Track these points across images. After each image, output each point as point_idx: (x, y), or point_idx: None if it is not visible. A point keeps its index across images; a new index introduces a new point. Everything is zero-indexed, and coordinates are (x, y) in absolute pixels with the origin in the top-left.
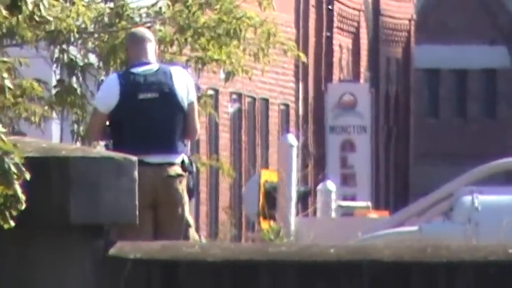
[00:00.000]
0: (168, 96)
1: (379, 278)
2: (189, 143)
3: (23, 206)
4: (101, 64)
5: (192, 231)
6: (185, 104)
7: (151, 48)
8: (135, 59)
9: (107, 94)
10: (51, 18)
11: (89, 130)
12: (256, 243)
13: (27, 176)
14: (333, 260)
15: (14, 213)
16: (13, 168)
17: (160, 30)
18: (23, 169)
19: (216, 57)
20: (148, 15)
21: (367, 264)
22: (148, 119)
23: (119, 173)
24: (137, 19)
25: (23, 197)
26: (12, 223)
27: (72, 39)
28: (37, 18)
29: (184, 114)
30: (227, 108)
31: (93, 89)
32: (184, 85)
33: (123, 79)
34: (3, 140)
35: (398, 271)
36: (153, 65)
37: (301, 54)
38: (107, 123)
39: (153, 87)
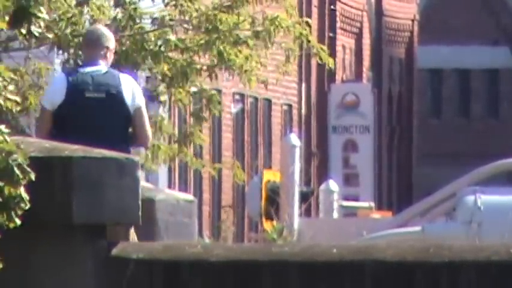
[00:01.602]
0: (114, 97)
1: (381, 278)
2: (143, 149)
3: (27, 206)
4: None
5: (131, 232)
6: (131, 108)
7: (104, 51)
8: (87, 59)
9: (53, 92)
10: (50, 36)
11: (36, 129)
12: (259, 243)
13: (33, 176)
14: (336, 260)
15: (19, 212)
16: (16, 170)
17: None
18: (28, 169)
19: (232, 60)
20: (162, 19)
21: (369, 264)
22: (92, 118)
23: (121, 173)
24: (149, 24)
25: (26, 197)
26: (18, 221)
27: None
28: (36, 34)
29: (130, 119)
30: (230, 108)
31: None
32: (130, 90)
33: (71, 78)
34: (6, 141)
35: (401, 271)
36: (102, 67)
37: (330, 60)
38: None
39: (100, 88)
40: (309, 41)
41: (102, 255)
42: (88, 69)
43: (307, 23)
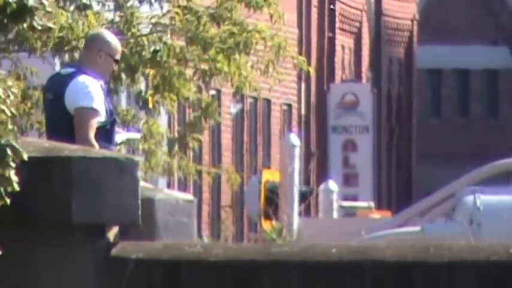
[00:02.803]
0: (57, 99)
1: (381, 277)
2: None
3: (16, 189)
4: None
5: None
6: (70, 110)
7: (94, 54)
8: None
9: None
10: (53, 26)
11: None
12: (259, 243)
13: (25, 156)
14: (335, 260)
15: (8, 190)
16: (9, 150)
17: (165, 43)
18: (20, 149)
19: (225, 69)
20: (156, 24)
21: (369, 264)
22: (47, 119)
23: (121, 173)
24: (145, 28)
25: (15, 179)
26: (8, 200)
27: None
28: (38, 27)
29: (72, 120)
30: (229, 108)
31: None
32: (74, 91)
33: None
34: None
35: (400, 271)
36: (70, 69)
37: (311, 70)
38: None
39: (51, 89)
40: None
41: (102, 255)
42: (61, 70)
43: (285, 33)
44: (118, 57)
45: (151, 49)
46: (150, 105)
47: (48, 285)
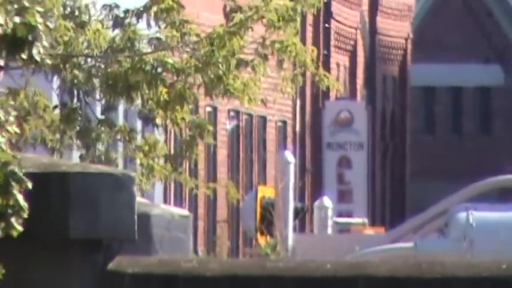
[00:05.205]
0: None
1: None
2: None
3: (26, 214)
4: (105, 89)
5: None
6: None
7: None
8: None
9: None
10: (49, 62)
11: None
12: (254, 258)
13: (29, 184)
14: (330, 276)
15: (20, 220)
16: (12, 181)
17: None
18: (24, 178)
19: (231, 85)
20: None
21: (363, 280)
22: None
23: (117, 189)
24: (147, 47)
25: (25, 205)
26: (20, 228)
27: (83, 62)
28: (37, 59)
29: None
30: (225, 125)
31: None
32: None
33: None
34: (3, 150)
35: (393, 287)
36: None
37: (336, 84)
38: None
39: None
40: (313, 71)
41: (99, 269)
42: None
43: (311, 53)
44: None
45: (154, 67)
46: (158, 122)
47: None
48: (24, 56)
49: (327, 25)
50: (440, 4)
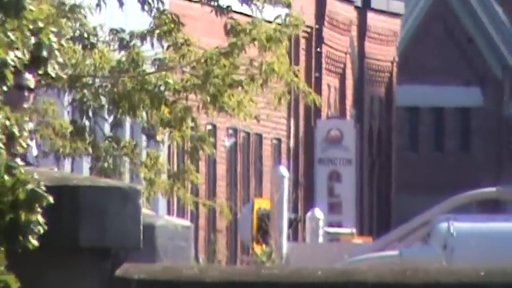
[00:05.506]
0: None
1: None
2: None
3: (42, 230)
4: (112, 107)
5: None
6: None
7: None
8: None
9: None
10: (64, 76)
11: None
12: (251, 265)
13: (50, 199)
14: (321, 282)
15: (35, 235)
16: (31, 197)
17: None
18: (44, 194)
19: (227, 103)
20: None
21: (352, 286)
22: None
23: (124, 201)
24: (150, 67)
25: (43, 220)
26: (36, 243)
27: (91, 82)
28: (53, 75)
29: None
30: (224, 142)
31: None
32: None
33: None
34: (21, 172)
35: None
36: None
37: (317, 98)
38: None
39: None
40: (298, 88)
41: (107, 275)
42: None
43: (296, 71)
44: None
45: (156, 87)
46: (159, 139)
47: None
48: (40, 72)
49: (318, 49)
50: (423, 30)
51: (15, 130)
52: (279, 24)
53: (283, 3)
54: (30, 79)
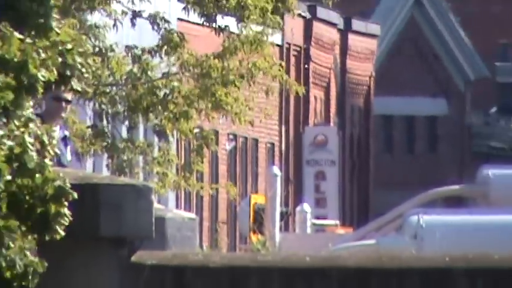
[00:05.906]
0: None
1: (344, 281)
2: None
3: (68, 222)
4: (127, 112)
5: None
6: None
7: None
8: None
9: None
10: (90, 91)
11: None
12: (248, 252)
13: (75, 195)
14: (309, 266)
15: (63, 226)
16: (59, 193)
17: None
18: (70, 191)
19: (223, 101)
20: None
21: (335, 270)
22: None
23: (138, 197)
24: (159, 74)
25: (69, 213)
26: (62, 233)
27: (108, 90)
28: (79, 89)
29: None
30: (225, 146)
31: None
32: None
33: None
34: (49, 171)
35: (360, 276)
36: None
37: (299, 89)
38: None
39: None
40: (283, 78)
41: (124, 261)
42: None
43: (280, 67)
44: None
45: (163, 92)
46: (169, 134)
47: (81, 284)
48: (68, 87)
49: (306, 66)
50: (397, 49)
51: (45, 139)
52: (261, 29)
53: (275, 27)
54: (67, 92)
